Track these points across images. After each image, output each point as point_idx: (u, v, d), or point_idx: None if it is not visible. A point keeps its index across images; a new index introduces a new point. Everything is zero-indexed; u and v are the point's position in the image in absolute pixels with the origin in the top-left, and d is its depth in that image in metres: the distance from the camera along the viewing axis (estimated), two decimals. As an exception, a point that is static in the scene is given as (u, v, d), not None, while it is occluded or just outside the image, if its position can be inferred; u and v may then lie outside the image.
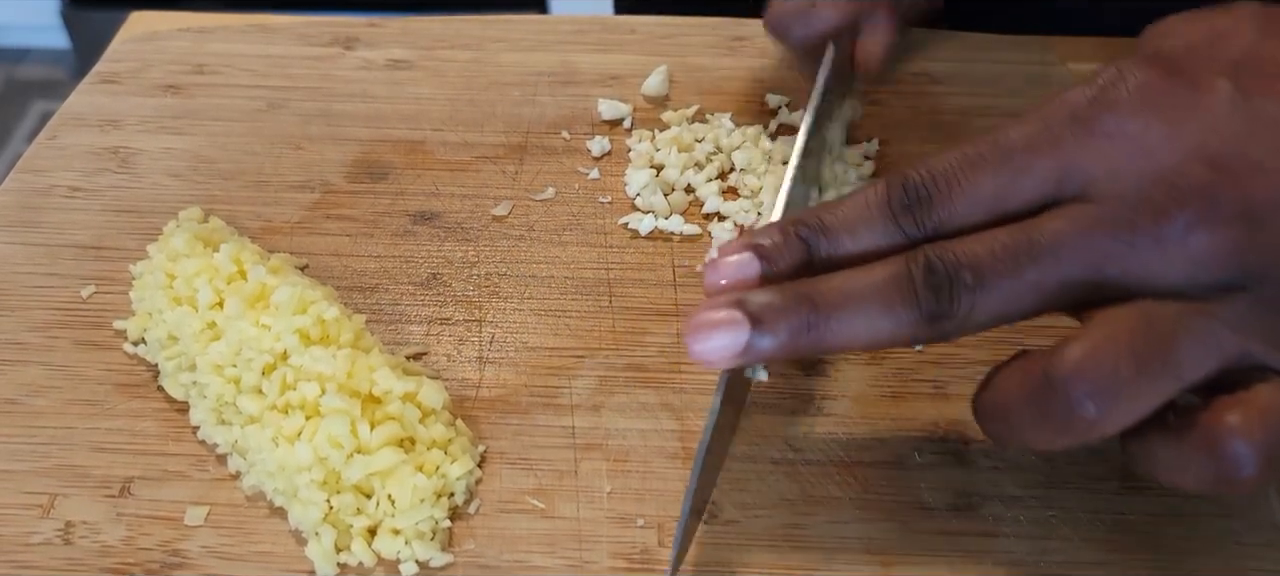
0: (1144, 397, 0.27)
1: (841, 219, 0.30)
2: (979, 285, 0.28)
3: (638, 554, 0.33)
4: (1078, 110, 0.29)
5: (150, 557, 0.33)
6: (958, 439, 0.36)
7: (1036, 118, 0.29)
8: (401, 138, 0.49)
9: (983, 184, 0.29)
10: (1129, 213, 0.27)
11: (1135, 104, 0.28)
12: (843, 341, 0.29)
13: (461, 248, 0.44)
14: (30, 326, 0.40)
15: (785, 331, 0.28)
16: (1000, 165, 0.29)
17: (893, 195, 0.29)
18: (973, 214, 0.29)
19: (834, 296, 0.28)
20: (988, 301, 0.28)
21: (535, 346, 0.40)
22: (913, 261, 0.28)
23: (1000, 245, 0.28)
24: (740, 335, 0.28)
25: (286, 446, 0.34)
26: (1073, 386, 0.27)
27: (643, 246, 0.44)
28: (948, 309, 0.28)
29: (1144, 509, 0.34)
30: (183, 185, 0.46)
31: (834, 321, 0.28)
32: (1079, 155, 0.28)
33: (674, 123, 0.49)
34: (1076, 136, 0.28)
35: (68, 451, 0.36)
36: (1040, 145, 0.29)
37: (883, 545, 0.33)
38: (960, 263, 0.28)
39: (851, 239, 0.30)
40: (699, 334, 0.29)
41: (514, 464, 0.36)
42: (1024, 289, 0.28)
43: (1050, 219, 0.28)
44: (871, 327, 0.28)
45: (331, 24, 0.55)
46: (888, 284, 0.28)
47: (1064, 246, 0.28)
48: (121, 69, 0.53)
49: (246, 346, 0.36)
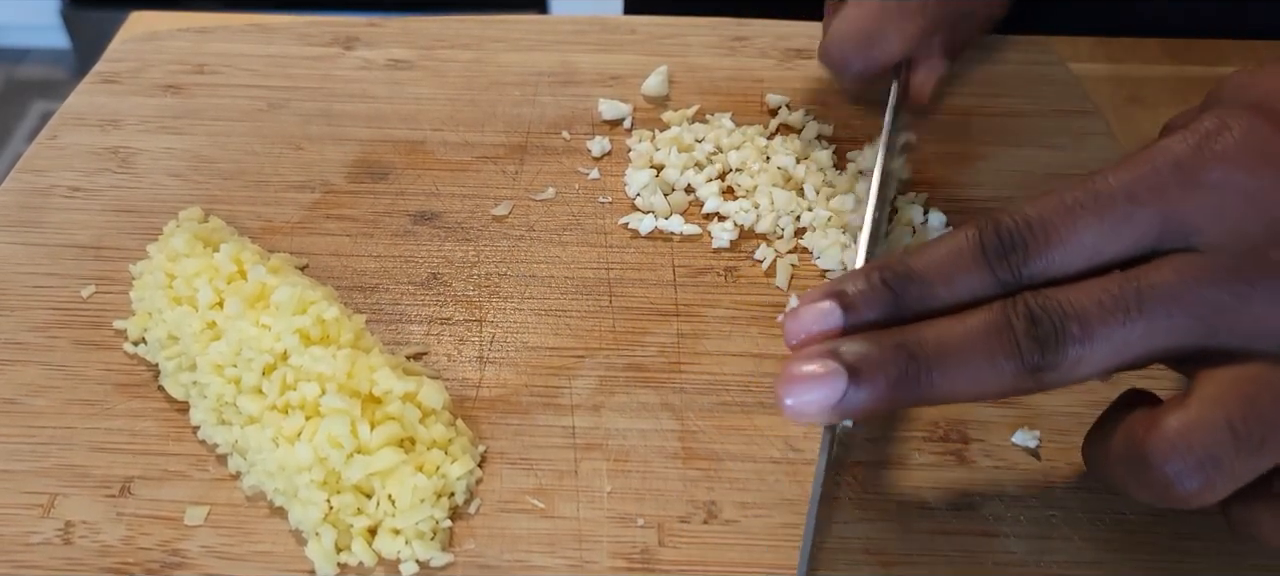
0: (1244, 473, 0.26)
1: (932, 265, 0.29)
2: (1085, 337, 0.27)
3: (638, 554, 0.33)
4: (1181, 159, 0.28)
5: (150, 557, 0.33)
6: (958, 439, 0.36)
7: (1137, 165, 0.28)
8: (402, 138, 0.49)
9: (1082, 232, 0.28)
10: (1239, 264, 0.27)
11: (1242, 154, 0.27)
12: (943, 394, 0.27)
13: (462, 247, 0.44)
14: (30, 326, 0.40)
15: (884, 383, 0.27)
16: (1100, 212, 0.28)
17: (987, 241, 0.28)
18: (1071, 262, 0.28)
19: (933, 346, 0.27)
20: (1094, 354, 0.27)
21: (535, 346, 0.40)
22: (1013, 311, 0.27)
23: (1108, 296, 0.27)
24: (836, 387, 0.27)
25: (287, 446, 0.34)
26: (1171, 464, 0.26)
27: (643, 246, 0.44)
28: (1053, 361, 0.27)
29: (1144, 509, 0.34)
30: (183, 185, 0.46)
31: (935, 373, 0.27)
32: (1184, 205, 0.27)
33: (674, 123, 0.49)
34: (1181, 186, 0.27)
35: (68, 451, 0.36)
36: (1142, 194, 0.28)
37: (883, 545, 0.33)
38: (1066, 314, 0.27)
39: (944, 287, 0.28)
40: (793, 387, 0.27)
41: (514, 464, 0.36)
42: (1131, 341, 0.27)
43: (1157, 270, 0.27)
44: (974, 380, 0.27)
45: (331, 24, 0.55)
46: (989, 334, 0.27)
47: (1174, 299, 0.27)
48: (121, 69, 0.53)
49: (246, 346, 0.36)
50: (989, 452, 0.36)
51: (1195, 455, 0.26)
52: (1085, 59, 0.53)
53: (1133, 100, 0.51)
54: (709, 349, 0.39)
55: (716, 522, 0.34)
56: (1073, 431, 0.36)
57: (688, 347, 0.39)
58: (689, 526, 0.34)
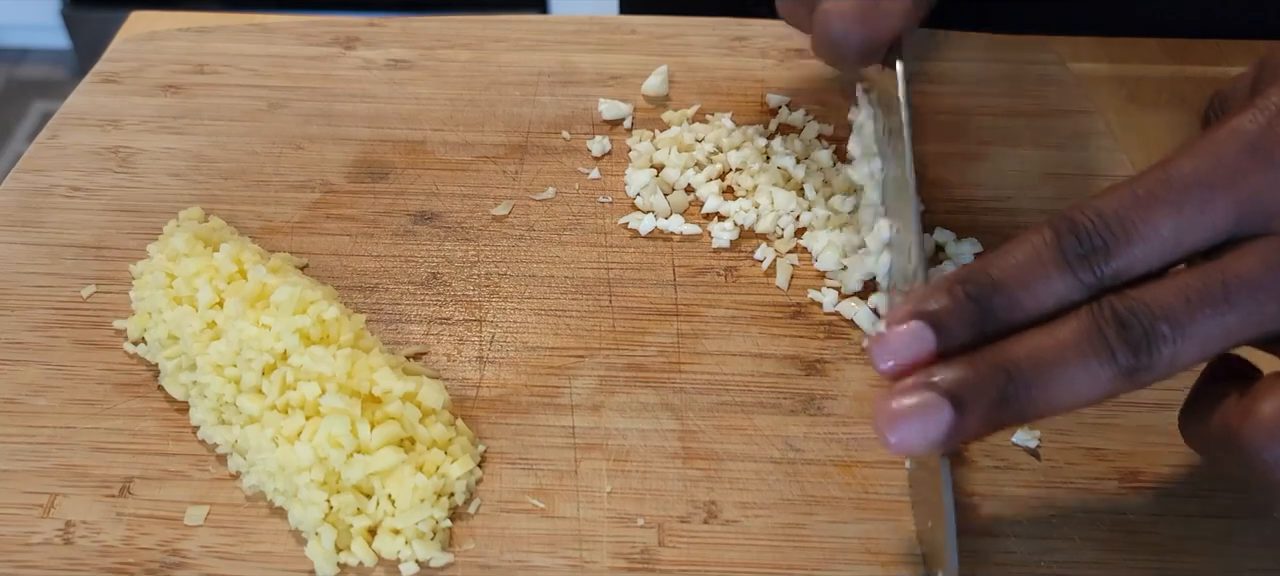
0: None
1: (1013, 273, 0.28)
2: (1177, 336, 0.26)
3: (638, 554, 0.33)
4: (1254, 139, 0.27)
5: (150, 557, 0.33)
6: (958, 439, 0.36)
7: (1209, 147, 0.28)
8: (402, 138, 0.49)
9: (1160, 225, 0.27)
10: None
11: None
12: (1044, 408, 0.27)
13: (462, 247, 0.44)
14: (30, 326, 0.40)
15: (986, 406, 0.27)
16: (1177, 204, 0.27)
17: (1065, 243, 0.28)
18: (1151, 257, 0.27)
19: (1028, 363, 0.27)
20: (1186, 350, 0.27)
21: (535, 346, 0.40)
22: (1101, 317, 0.27)
23: (1195, 292, 0.27)
24: (941, 420, 0.27)
25: (286, 446, 0.34)
26: (1268, 450, 0.26)
27: (643, 246, 0.44)
28: (1147, 362, 0.26)
29: (1144, 509, 0.34)
30: (183, 185, 0.46)
31: (1034, 389, 0.27)
32: (1262, 188, 0.27)
33: (674, 123, 0.49)
34: (1257, 168, 0.27)
35: (68, 451, 0.36)
36: (1217, 180, 0.27)
37: (883, 545, 0.33)
38: (1155, 314, 0.26)
39: (1027, 295, 0.28)
40: (897, 424, 0.27)
41: (514, 463, 0.36)
42: (1222, 333, 0.27)
43: (1241, 259, 0.27)
44: (1072, 390, 0.27)
45: (331, 24, 0.55)
46: (1082, 342, 0.27)
47: (1261, 288, 0.26)
48: (122, 69, 0.53)
49: (246, 346, 0.36)
50: (989, 452, 0.36)
51: (1257, 448, 0.26)
52: (1085, 59, 0.53)
53: (1132, 100, 0.51)
54: (709, 349, 0.39)
55: (716, 522, 0.34)
56: (1073, 431, 0.36)
57: (688, 347, 0.39)
58: (689, 526, 0.34)
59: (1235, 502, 0.34)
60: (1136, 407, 0.37)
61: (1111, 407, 0.37)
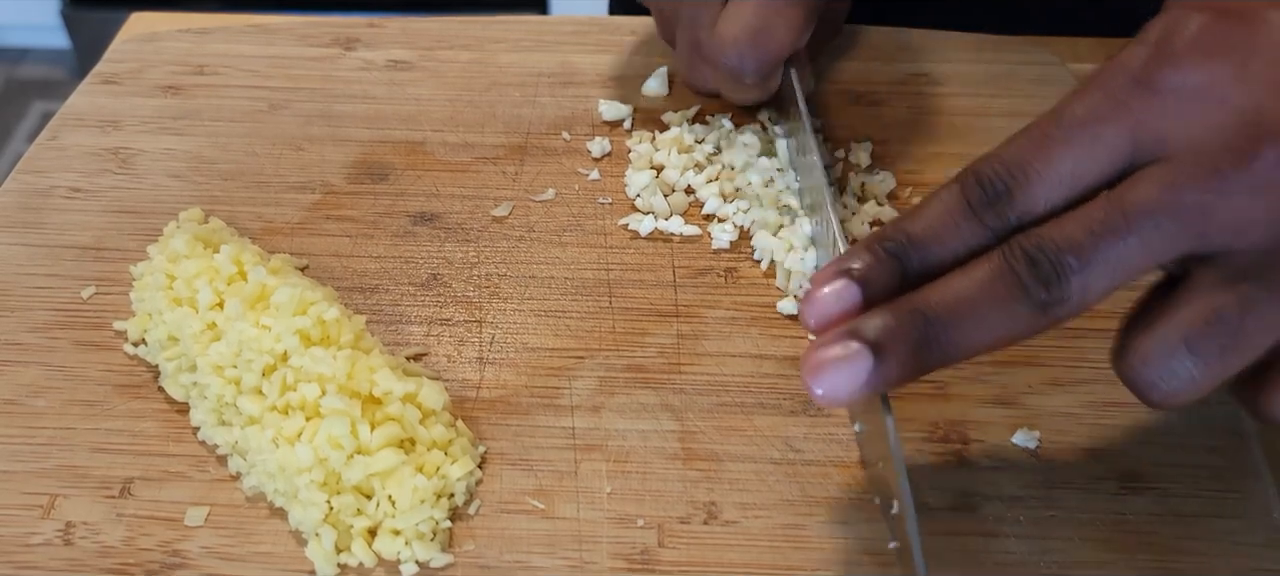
0: (1214, 379, 0.28)
1: (926, 227, 0.29)
2: (1084, 266, 0.27)
3: (638, 554, 0.33)
4: (1137, 72, 0.28)
5: (150, 558, 0.33)
6: (958, 439, 0.36)
7: (1097, 86, 0.29)
8: (402, 138, 0.49)
9: (1058, 164, 0.28)
10: (1214, 162, 0.27)
11: (1195, 53, 0.28)
12: (964, 349, 0.28)
13: (462, 248, 0.44)
14: (30, 327, 0.40)
15: (906, 352, 0.28)
16: (1071, 141, 0.28)
17: (970, 193, 0.29)
18: (1053, 196, 0.29)
19: (945, 306, 0.28)
20: (1095, 280, 0.28)
21: (535, 347, 0.40)
22: (1011, 256, 0.28)
23: (1096, 223, 0.28)
24: (862, 366, 0.28)
25: (287, 447, 0.34)
26: (1140, 378, 0.29)
27: (643, 247, 0.44)
28: (1059, 295, 0.27)
29: (1144, 509, 0.34)
30: (183, 186, 0.46)
31: (952, 330, 0.28)
32: (1149, 117, 0.28)
33: (674, 124, 0.49)
34: (1143, 98, 0.28)
35: (68, 452, 0.36)
36: (1107, 114, 0.28)
37: (883, 545, 0.33)
38: (1061, 248, 0.28)
39: (940, 245, 0.29)
40: (820, 374, 0.28)
41: (514, 464, 0.36)
42: (1127, 260, 0.28)
43: (1137, 186, 0.28)
44: (989, 329, 0.28)
45: (331, 24, 0.55)
46: (995, 282, 0.28)
47: (1159, 210, 0.27)
48: (122, 69, 0.53)
49: (247, 347, 0.36)
50: (989, 452, 0.36)
51: (1158, 372, 0.28)
52: (1085, 59, 0.53)
53: (1132, 100, 0.51)
54: (709, 349, 0.39)
55: (716, 523, 0.34)
56: (1073, 431, 0.36)
57: (688, 348, 0.39)
58: (689, 527, 0.34)
59: (1235, 502, 0.34)
60: (1137, 407, 0.37)
61: (1111, 408, 0.37)
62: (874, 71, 0.52)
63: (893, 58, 0.53)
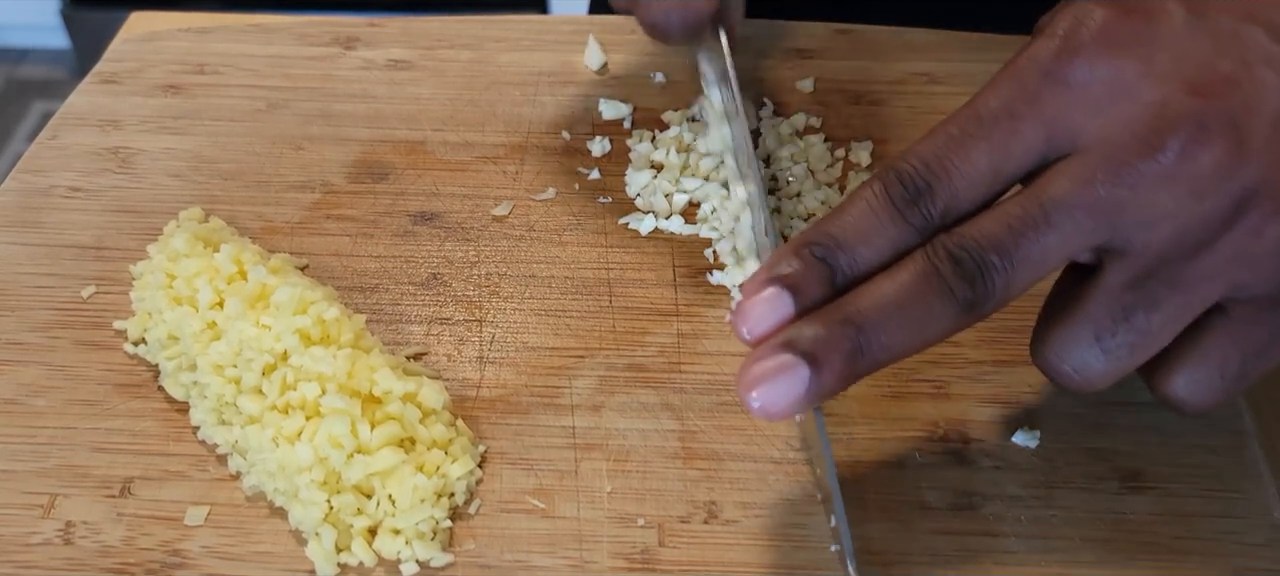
0: (1121, 370, 0.29)
1: (850, 228, 0.29)
2: (1006, 263, 0.28)
3: (638, 554, 0.33)
4: (1046, 64, 0.29)
5: (151, 557, 0.33)
6: (958, 439, 0.36)
7: (1009, 79, 0.30)
8: (402, 138, 0.49)
9: (975, 159, 0.29)
10: (1123, 155, 0.28)
11: (1101, 46, 0.29)
12: (894, 353, 0.28)
13: (462, 248, 0.44)
14: (31, 326, 0.40)
15: (841, 360, 0.28)
16: (987, 136, 0.29)
17: (892, 191, 0.29)
18: (974, 192, 0.29)
19: (873, 311, 0.28)
20: (1018, 275, 0.28)
21: (536, 346, 0.40)
22: (935, 257, 0.28)
23: (1016, 219, 0.28)
24: (799, 378, 0.28)
25: (287, 446, 0.34)
26: (1050, 365, 0.30)
27: (643, 246, 0.44)
28: (984, 293, 0.28)
29: (1144, 509, 0.34)
30: (183, 185, 0.46)
31: (883, 335, 0.28)
32: (1060, 110, 0.29)
33: (674, 123, 0.49)
34: (1053, 91, 0.29)
35: (68, 451, 0.36)
36: (1020, 108, 0.29)
37: (883, 545, 0.33)
38: (983, 246, 0.28)
39: (866, 246, 0.29)
40: (757, 388, 0.28)
41: (514, 464, 0.36)
42: (1047, 253, 0.28)
43: (1052, 180, 0.28)
44: (918, 331, 0.28)
45: (331, 24, 0.55)
46: (919, 284, 0.28)
47: (1074, 205, 0.28)
48: (122, 69, 0.53)
49: (247, 346, 0.36)
50: (989, 452, 0.36)
51: (1072, 365, 0.30)
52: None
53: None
54: (709, 349, 0.39)
55: (717, 522, 0.34)
56: (1073, 431, 0.36)
57: (688, 347, 0.39)
58: (689, 526, 0.34)
59: (1235, 502, 0.34)
60: (1137, 407, 0.37)
61: (1112, 408, 0.37)
62: (874, 71, 0.52)
63: (893, 57, 0.53)
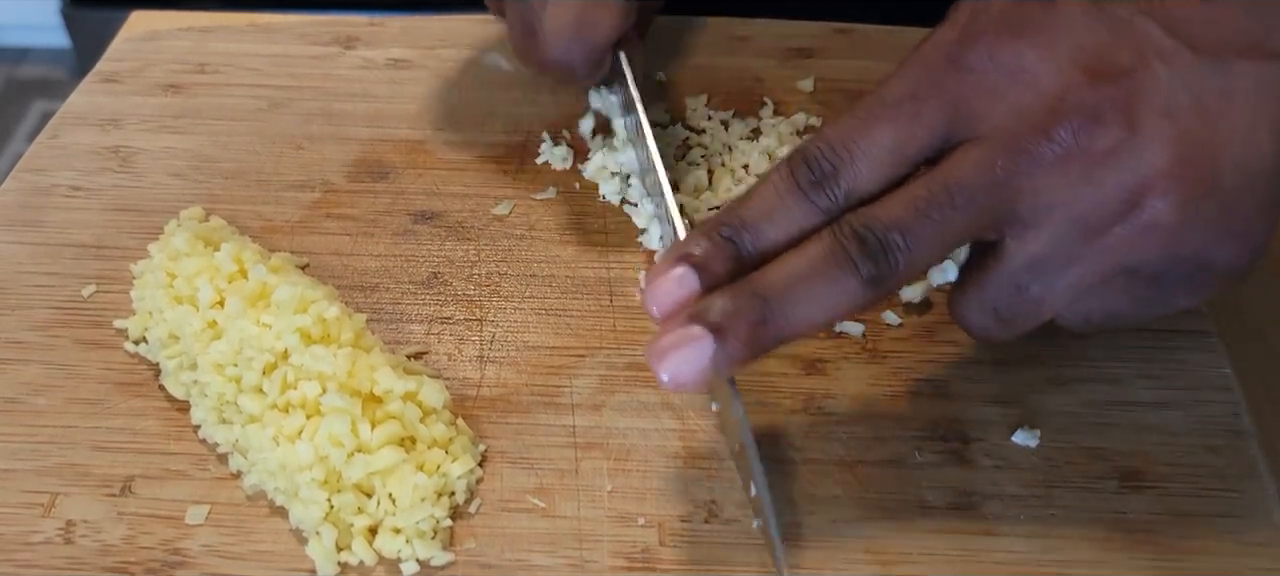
0: (1020, 332, 0.33)
1: (758, 209, 0.30)
2: (909, 243, 0.29)
3: (639, 553, 0.33)
4: (948, 49, 0.30)
5: (151, 556, 0.33)
6: (958, 439, 0.36)
7: (913, 65, 0.30)
8: (402, 137, 0.49)
9: (879, 141, 0.30)
10: (1021, 141, 0.29)
11: (1001, 33, 0.30)
12: (799, 326, 0.29)
13: (462, 247, 0.44)
14: (31, 325, 0.40)
15: (745, 330, 0.29)
16: (891, 118, 0.30)
17: (799, 174, 0.30)
18: (877, 173, 0.30)
19: (779, 286, 0.29)
20: (920, 253, 0.29)
21: (536, 345, 0.40)
22: (840, 234, 0.29)
23: (919, 200, 0.29)
24: (704, 349, 0.28)
25: (287, 445, 0.34)
26: (963, 324, 0.33)
27: (643, 245, 0.44)
28: (887, 270, 0.29)
29: (1144, 509, 0.34)
30: (184, 184, 0.46)
31: (788, 307, 0.29)
32: (962, 94, 0.30)
33: (594, 150, 0.48)
34: (955, 76, 0.30)
35: (69, 450, 0.36)
36: (924, 91, 0.30)
37: (883, 545, 0.33)
38: (887, 225, 0.29)
39: (772, 227, 0.30)
40: (664, 360, 0.29)
41: (515, 463, 0.36)
42: (948, 233, 0.30)
43: (955, 163, 0.29)
44: (822, 305, 0.29)
45: (332, 23, 0.55)
46: (825, 260, 0.29)
47: (974, 187, 0.29)
48: (122, 68, 0.53)
49: (247, 345, 0.36)
50: (989, 452, 0.36)
51: (976, 326, 0.33)
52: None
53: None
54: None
55: (717, 522, 0.34)
56: (1073, 431, 0.36)
57: (688, 347, 0.39)
58: (690, 525, 0.34)
59: (1235, 502, 0.34)
60: (1137, 407, 0.37)
61: (1112, 407, 0.37)
62: (874, 71, 0.52)
63: (893, 57, 0.52)
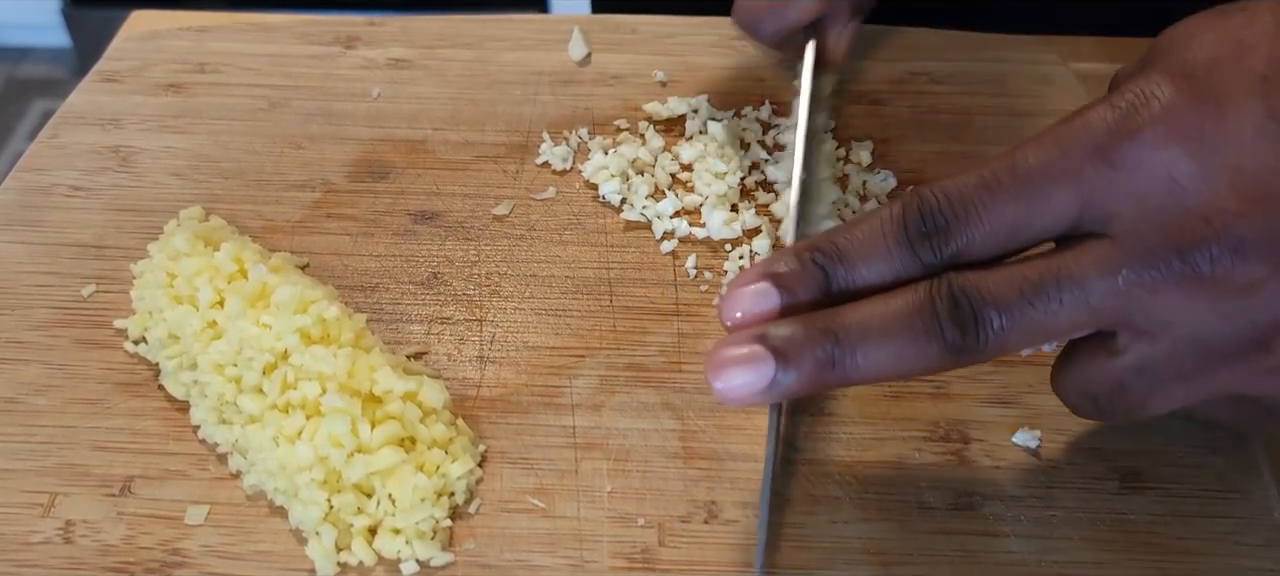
0: (1124, 421, 0.32)
1: (858, 245, 0.29)
2: (1005, 323, 0.27)
3: (638, 553, 0.33)
4: (1099, 139, 0.28)
5: (151, 556, 0.33)
6: (958, 439, 0.36)
7: (1056, 142, 0.28)
8: (402, 137, 0.49)
9: (1001, 212, 0.28)
10: (1153, 255, 0.27)
11: (1161, 133, 0.27)
12: (867, 375, 0.28)
13: (462, 247, 0.44)
14: (31, 325, 0.40)
15: (810, 365, 0.28)
16: (1019, 193, 0.28)
17: (909, 221, 0.29)
18: (990, 243, 0.28)
19: (857, 329, 0.28)
20: (1012, 337, 0.28)
21: (536, 345, 0.40)
22: (937, 294, 0.28)
23: (1027, 283, 0.27)
24: (764, 372, 0.28)
25: (287, 445, 0.34)
26: (1067, 402, 0.32)
27: (643, 246, 0.44)
28: (973, 343, 0.27)
29: (1144, 509, 0.34)
30: (184, 184, 0.46)
31: (859, 355, 0.28)
32: (1101, 188, 0.27)
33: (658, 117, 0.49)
34: (1098, 168, 0.27)
35: (68, 450, 0.36)
36: (1060, 175, 0.28)
37: (883, 545, 0.33)
38: (985, 300, 0.27)
39: (867, 266, 0.29)
40: (722, 371, 0.28)
41: (514, 463, 0.36)
42: (1048, 325, 0.28)
43: (1075, 258, 0.28)
44: (896, 360, 0.28)
45: (332, 23, 0.55)
46: (911, 316, 0.28)
47: (1089, 287, 0.27)
48: (122, 68, 0.53)
49: (247, 345, 0.36)
50: (989, 452, 0.36)
51: (1074, 405, 0.31)
52: (1085, 59, 0.53)
53: (1133, 100, 0.51)
54: (709, 348, 0.39)
55: (717, 522, 0.34)
56: (1073, 431, 0.36)
57: (688, 347, 0.39)
58: (689, 526, 0.34)
59: (1235, 502, 0.34)
60: (1137, 407, 0.37)
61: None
62: (874, 71, 0.52)
63: (893, 57, 0.53)
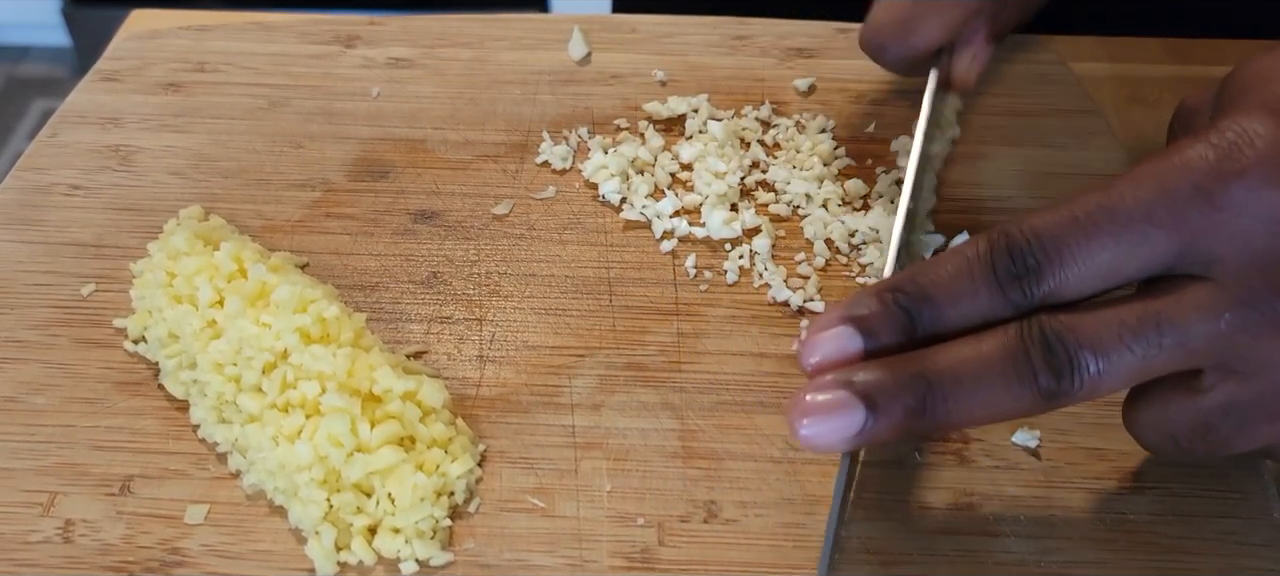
0: (1193, 456, 0.31)
1: (943, 286, 0.28)
2: (1100, 365, 0.27)
3: (638, 553, 0.33)
4: (1201, 179, 0.26)
5: (150, 556, 0.33)
6: (958, 438, 0.36)
7: (1154, 181, 0.27)
8: (402, 136, 0.49)
9: (1097, 254, 0.27)
10: (1257, 298, 0.26)
11: (1265, 172, 0.26)
12: (957, 421, 0.27)
13: (462, 246, 0.44)
14: (30, 324, 0.40)
15: (901, 412, 0.27)
16: (1116, 234, 0.27)
17: (998, 261, 0.27)
18: (1083, 285, 0.27)
19: (948, 374, 0.27)
20: (1107, 381, 0.27)
21: (536, 345, 0.40)
22: (1029, 338, 0.27)
23: (1126, 327, 0.27)
24: (855, 419, 0.27)
25: (287, 445, 0.34)
26: (1144, 442, 0.31)
27: (643, 245, 0.44)
28: (1068, 387, 0.27)
29: (1144, 509, 0.34)
30: (183, 183, 0.46)
31: (950, 401, 0.27)
32: (1204, 232, 0.26)
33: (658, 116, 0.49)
34: (1201, 210, 0.26)
35: (68, 449, 0.36)
36: (1160, 217, 0.27)
37: (883, 545, 0.33)
38: (1081, 343, 0.27)
39: (954, 308, 0.28)
40: (809, 418, 0.27)
41: (514, 462, 0.36)
42: (1148, 367, 0.27)
43: (1176, 301, 0.27)
44: (987, 406, 0.27)
45: (332, 22, 0.55)
46: (1004, 360, 0.27)
47: (1191, 331, 0.26)
48: (122, 67, 0.53)
49: (247, 345, 0.36)
50: (989, 452, 0.36)
51: (1151, 443, 0.31)
52: (1086, 58, 0.53)
53: (1134, 100, 0.51)
54: (709, 348, 0.39)
55: (717, 522, 0.34)
56: (1073, 431, 0.36)
57: (688, 347, 0.39)
58: (689, 526, 0.34)
59: (1235, 503, 0.34)
60: (1137, 407, 0.37)
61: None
62: (874, 71, 0.52)
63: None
